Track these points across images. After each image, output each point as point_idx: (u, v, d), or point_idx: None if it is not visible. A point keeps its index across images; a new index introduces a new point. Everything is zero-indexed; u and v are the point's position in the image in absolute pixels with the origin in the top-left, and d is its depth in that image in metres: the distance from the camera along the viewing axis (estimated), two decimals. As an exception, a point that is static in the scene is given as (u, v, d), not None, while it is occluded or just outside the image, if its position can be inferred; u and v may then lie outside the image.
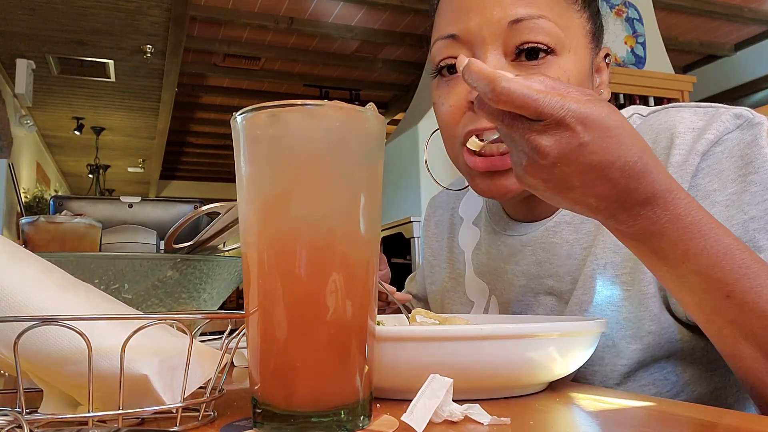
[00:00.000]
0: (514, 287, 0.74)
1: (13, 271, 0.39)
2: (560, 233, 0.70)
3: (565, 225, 0.70)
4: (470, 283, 0.82)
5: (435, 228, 0.94)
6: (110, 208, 1.32)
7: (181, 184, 11.09)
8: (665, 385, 0.63)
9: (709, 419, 0.41)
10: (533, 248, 0.72)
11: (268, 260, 0.37)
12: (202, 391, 0.42)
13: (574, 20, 0.66)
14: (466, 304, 0.82)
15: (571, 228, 0.70)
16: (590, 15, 0.68)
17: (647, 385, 0.63)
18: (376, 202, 0.39)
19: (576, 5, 0.67)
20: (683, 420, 0.41)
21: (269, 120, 0.37)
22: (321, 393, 0.36)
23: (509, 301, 0.75)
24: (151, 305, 0.61)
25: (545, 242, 0.71)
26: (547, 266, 0.71)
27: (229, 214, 0.67)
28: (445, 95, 0.68)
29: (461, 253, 0.85)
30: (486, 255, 0.79)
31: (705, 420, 0.41)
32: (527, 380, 0.48)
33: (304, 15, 5.53)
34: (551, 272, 0.70)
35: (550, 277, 0.71)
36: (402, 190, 4.00)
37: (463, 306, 0.83)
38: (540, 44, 0.62)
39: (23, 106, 6.17)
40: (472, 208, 0.87)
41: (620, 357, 0.63)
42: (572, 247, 0.69)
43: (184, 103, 7.39)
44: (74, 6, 4.60)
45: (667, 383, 0.63)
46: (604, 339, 0.63)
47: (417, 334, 0.45)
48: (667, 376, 0.63)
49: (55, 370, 0.38)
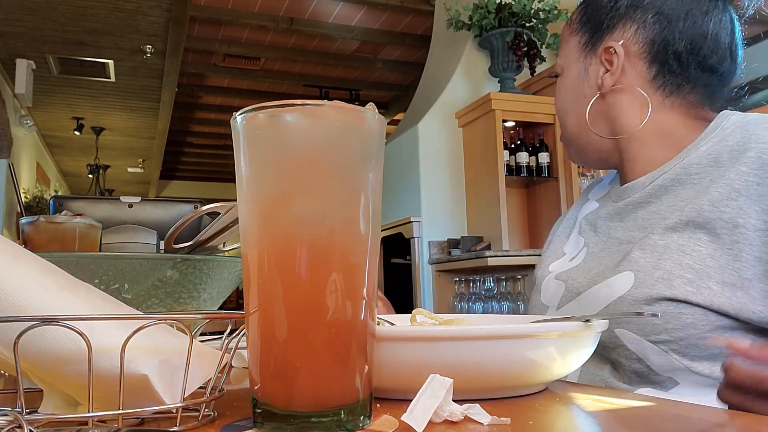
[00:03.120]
0: (611, 239, 0.83)
1: (15, 272, 0.39)
2: (660, 195, 0.80)
3: (662, 189, 0.79)
4: (572, 239, 0.95)
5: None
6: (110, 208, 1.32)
7: (181, 184, 11.09)
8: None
9: (709, 419, 0.41)
10: (634, 207, 0.83)
11: (268, 260, 0.37)
12: (202, 391, 0.42)
13: (570, 43, 0.91)
14: (559, 255, 0.93)
15: (668, 193, 0.79)
16: (586, 28, 0.88)
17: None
18: (376, 202, 0.39)
19: (575, 30, 0.90)
20: (683, 420, 0.41)
21: (269, 120, 0.37)
22: (321, 393, 0.36)
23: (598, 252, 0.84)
24: (151, 305, 0.61)
25: (644, 202, 0.82)
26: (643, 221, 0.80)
27: (229, 214, 0.67)
28: None
29: (574, 219, 0.98)
30: (593, 214, 0.92)
31: (705, 420, 0.41)
32: (527, 380, 0.48)
33: (304, 15, 5.53)
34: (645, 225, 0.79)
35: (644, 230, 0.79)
36: (402, 190, 4.00)
37: (554, 255, 0.94)
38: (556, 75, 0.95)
39: (23, 106, 6.17)
40: (601, 189, 0.99)
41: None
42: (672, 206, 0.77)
43: (184, 103, 7.39)
44: (74, 6, 4.60)
45: None
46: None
47: (417, 334, 0.45)
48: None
49: (55, 370, 0.38)
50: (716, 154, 0.74)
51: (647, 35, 0.82)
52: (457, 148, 3.90)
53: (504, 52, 3.69)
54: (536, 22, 3.69)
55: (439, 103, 3.92)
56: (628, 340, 0.70)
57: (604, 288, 0.75)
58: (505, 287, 3.28)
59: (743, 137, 0.73)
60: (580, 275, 0.82)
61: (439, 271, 3.71)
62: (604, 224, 0.87)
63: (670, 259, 0.70)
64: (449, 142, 3.89)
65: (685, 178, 0.77)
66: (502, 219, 3.47)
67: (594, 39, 0.87)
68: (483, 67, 3.98)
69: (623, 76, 0.84)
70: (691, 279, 0.68)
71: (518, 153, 3.66)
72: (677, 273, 0.69)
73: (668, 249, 0.71)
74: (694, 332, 0.67)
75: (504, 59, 3.70)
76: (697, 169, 0.76)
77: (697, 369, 0.68)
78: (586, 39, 0.88)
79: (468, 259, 3.37)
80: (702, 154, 0.77)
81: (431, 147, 3.85)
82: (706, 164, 0.75)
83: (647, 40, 0.82)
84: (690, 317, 0.67)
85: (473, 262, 3.33)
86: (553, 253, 0.95)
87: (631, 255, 0.74)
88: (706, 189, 0.72)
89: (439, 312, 0.70)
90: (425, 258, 3.75)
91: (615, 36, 0.84)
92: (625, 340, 0.71)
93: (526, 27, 3.68)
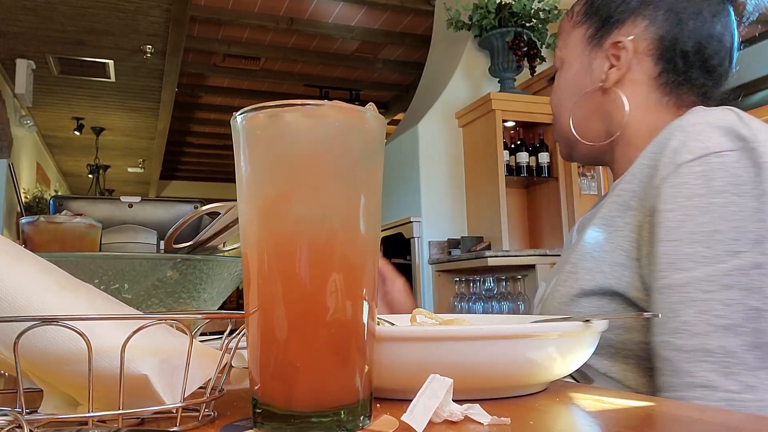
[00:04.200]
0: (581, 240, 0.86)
1: (15, 272, 0.39)
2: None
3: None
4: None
5: None
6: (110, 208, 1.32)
7: (181, 184, 11.09)
8: None
9: (710, 419, 0.41)
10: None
11: (268, 260, 0.37)
12: (202, 391, 0.42)
13: (574, 35, 0.88)
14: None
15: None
16: (592, 21, 0.86)
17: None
18: (376, 202, 0.39)
19: (579, 23, 0.88)
20: (683, 420, 0.41)
21: (269, 120, 0.37)
22: (321, 393, 0.36)
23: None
24: (151, 305, 0.61)
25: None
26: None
27: (229, 214, 0.67)
28: None
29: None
30: (588, 217, 0.92)
31: (705, 420, 0.41)
32: (527, 380, 0.48)
33: (304, 15, 5.53)
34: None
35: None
36: (402, 190, 4.00)
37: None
38: (554, 68, 0.93)
39: (23, 106, 6.17)
40: None
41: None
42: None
43: (184, 103, 7.39)
44: (74, 6, 4.60)
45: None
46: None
47: (417, 334, 0.45)
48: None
49: (55, 370, 0.38)
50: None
51: (657, 32, 0.81)
52: (457, 148, 3.90)
53: (504, 52, 3.69)
54: (536, 22, 3.69)
55: (439, 103, 3.92)
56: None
57: (548, 289, 0.80)
58: (505, 287, 3.28)
59: (656, 140, 0.73)
60: (553, 276, 0.85)
61: (439, 271, 3.71)
62: (586, 226, 0.88)
63: (577, 251, 0.75)
64: (449, 142, 3.89)
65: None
66: (502, 219, 3.47)
67: (601, 32, 0.85)
68: (483, 67, 3.98)
69: (628, 72, 0.83)
70: (590, 268, 0.72)
71: (518, 153, 3.66)
72: (581, 265, 0.73)
73: (580, 241, 0.76)
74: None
75: (504, 59, 3.70)
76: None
77: (618, 369, 0.71)
78: (592, 32, 0.85)
79: (468, 259, 3.37)
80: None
81: (431, 147, 3.85)
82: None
83: (657, 37, 0.81)
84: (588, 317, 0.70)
85: (473, 262, 3.33)
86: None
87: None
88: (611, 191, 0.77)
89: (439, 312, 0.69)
90: (425, 258, 3.75)
91: (623, 31, 0.83)
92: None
93: (526, 27, 3.68)
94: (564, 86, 0.89)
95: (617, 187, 0.74)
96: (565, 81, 0.89)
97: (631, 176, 0.73)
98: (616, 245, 0.71)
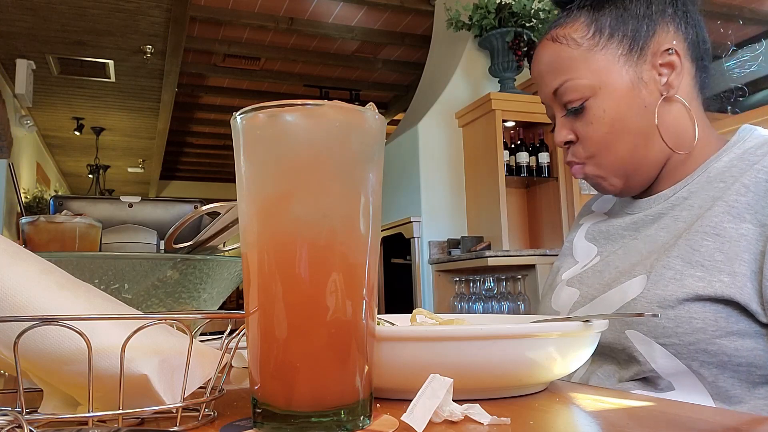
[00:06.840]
0: (627, 247, 0.82)
1: (15, 271, 0.39)
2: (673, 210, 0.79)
3: (683, 201, 0.79)
4: (578, 244, 0.94)
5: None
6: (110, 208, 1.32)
7: (181, 184, 11.09)
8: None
9: (710, 419, 0.41)
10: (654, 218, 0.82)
11: (268, 260, 0.37)
12: (202, 391, 0.42)
13: (599, 59, 0.79)
14: (571, 264, 0.92)
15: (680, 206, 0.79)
16: (620, 38, 0.79)
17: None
18: (376, 202, 0.39)
19: (598, 45, 0.80)
20: (683, 420, 0.41)
21: (269, 120, 0.37)
22: (321, 393, 0.36)
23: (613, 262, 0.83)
24: (151, 305, 0.61)
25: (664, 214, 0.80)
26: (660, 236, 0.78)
27: (229, 214, 0.67)
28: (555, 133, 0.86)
29: (578, 227, 0.97)
30: (606, 224, 0.90)
31: (705, 420, 0.41)
32: (527, 380, 0.48)
33: (304, 15, 5.53)
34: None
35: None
36: (402, 190, 4.00)
37: (566, 265, 0.92)
38: (573, 101, 0.80)
39: (23, 107, 6.17)
40: (606, 202, 0.98)
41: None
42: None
43: (184, 104, 7.39)
44: (74, 6, 4.60)
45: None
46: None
47: (417, 334, 0.45)
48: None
49: (55, 370, 0.38)
50: (735, 168, 0.75)
51: (687, 34, 0.80)
52: (457, 148, 3.90)
53: (504, 52, 3.69)
54: (536, 22, 3.69)
55: (439, 103, 3.92)
56: (638, 341, 0.71)
57: (617, 293, 0.75)
58: (505, 287, 3.28)
59: (763, 153, 0.74)
60: (595, 281, 0.81)
61: (439, 271, 3.71)
62: (619, 233, 0.86)
63: (679, 257, 0.71)
64: (449, 142, 3.89)
65: (706, 187, 0.77)
66: (502, 219, 3.47)
67: (636, 46, 0.79)
68: (483, 67, 3.98)
69: (680, 77, 0.80)
70: (702, 276, 0.69)
71: (518, 153, 3.66)
72: (688, 272, 0.69)
73: (677, 247, 0.72)
74: (703, 337, 0.67)
75: (504, 59, 3.70)
76: (718, 179, 0.76)
77: (703, 374, 0.68)
78: (626, 49, 0.79)
79: (468, 259, 3.37)
80: (722, 166, 0.77)
81: (431, 147, 3.85)
82: (725, 176, 0.75)
83: (688, 39, 0.80)
84: (701, 322, 0.67)
85: (473, 262, 3.33)
86: (564, 262, 0.94)
87: (646, 260, 0.75)
88: (715, 200, 0.73)
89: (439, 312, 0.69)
90: (425, 258, 3.75)
91: (659, 39, 0.79)
92: (635, 341, 0.71)
93: (526, 27, 3.68)
94: (615, 110, 0.78)
95: (728, 197, 0.71)
96: (613, 105, 0.78)
97: (744, 188, 0.71)
98: (734, 255, 0.68)
